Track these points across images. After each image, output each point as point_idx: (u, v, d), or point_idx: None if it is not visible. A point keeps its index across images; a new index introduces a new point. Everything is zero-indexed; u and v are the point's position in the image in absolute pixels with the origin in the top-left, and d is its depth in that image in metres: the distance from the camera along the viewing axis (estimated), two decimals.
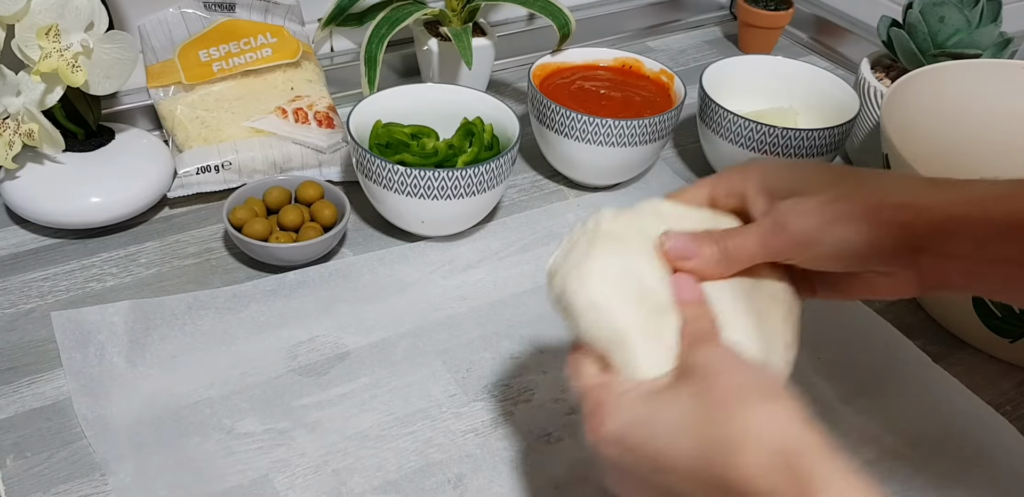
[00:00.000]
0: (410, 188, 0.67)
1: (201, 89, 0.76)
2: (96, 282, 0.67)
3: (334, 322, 0.65)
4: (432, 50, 0.85)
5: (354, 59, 0.90)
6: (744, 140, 0.75)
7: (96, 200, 0.69)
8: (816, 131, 0.74)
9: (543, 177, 0.83)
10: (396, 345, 0.64)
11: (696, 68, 0.97)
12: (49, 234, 0.71)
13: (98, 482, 0.53)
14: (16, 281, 0.67)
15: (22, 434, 0.56)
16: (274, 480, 0.54)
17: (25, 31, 0.62)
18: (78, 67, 0.63)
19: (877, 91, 0.80)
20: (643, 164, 0.79)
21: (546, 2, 0.82)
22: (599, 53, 0.83)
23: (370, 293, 0.68)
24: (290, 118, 0.76)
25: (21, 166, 0.69)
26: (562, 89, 0.80)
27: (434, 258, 0.72)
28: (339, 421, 0.58)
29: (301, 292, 0.67)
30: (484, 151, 0.72)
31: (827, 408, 0.61)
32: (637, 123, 0.73)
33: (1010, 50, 0.79)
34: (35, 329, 0.63)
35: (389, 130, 0.73)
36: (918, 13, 0.78)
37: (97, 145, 0.72)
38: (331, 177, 0.77)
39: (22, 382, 0.59)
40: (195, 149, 0.74)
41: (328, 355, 0.63)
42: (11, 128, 0.65)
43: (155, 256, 0.70)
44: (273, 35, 0.78)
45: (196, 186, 0.73)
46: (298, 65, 0.79)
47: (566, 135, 0.75)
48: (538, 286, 0.70)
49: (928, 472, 0.57)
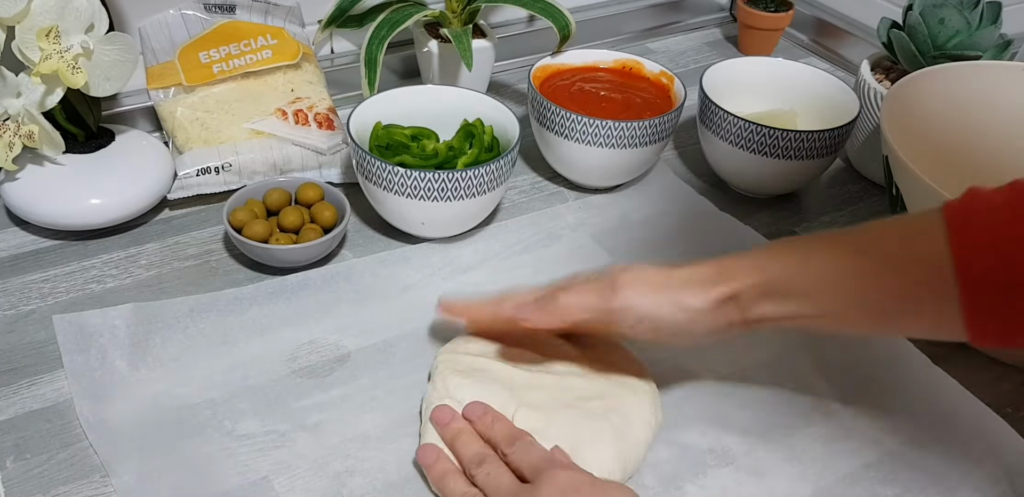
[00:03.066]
0: (410, 190, 0.67)
1: (201, 91, 0.76)
2: (96, 283, 0.67)
3: (334, 324, 0.65)
4: (432, 52, 0.86)
5: (354, 61, 0.90)
6: (744, 142, 0.75)
7: (96, 202, 0.69)
8: (816, 133, 0.74)
9: (543, 179, 0.83)
10: (396, 347, 0.64)
11: (696, 70, 0.97)
12: (49, 236, 0.71)
13: (98, 483, 0.53)
14: (16, 283, 0.67)
15: (22, 435, 0.56)
16: (274, 482, 0.54)
17: (25, 33, 0.62)
18: (78, 69, 0.63)
19: (877, 93, 0.80)
20: (643, 166, 0.79)
21: (546, 4, 0.82)
22: (599, 55, 0.83)
23: (370, 295, 0.68)
24: (290, 120, 0.76)
25: (21, 168, 0.69)
26: (562, 91, 0.80)
27: (434, 260, 0.72)
28: (339, 423, 0.58)
29: (301, 294, 0.67)
30: (484, 153, 0.72)
31: (827, 409, 0.61)
32: (637, 125, 0.73)
33: (1010, 52, 0.79)
34: (35, 331, 0.63)
35: (389, 132, 0.73)
36: (918, 15, 0.78)
37: (97, 147, 0.72)
38: (331, 179, 0.77)
39: (22, 383, 0.59)
40: (195, 151, 0.74)
41: (328, 357, 0.63)
42: (11, 130, 0.65)
43: (155, 258, 0.70)
44: (273, 37, 0.78)
45: (196, 188, 0.73)
46: (298, 67, 0.79)
47: (566, 137, 0.75)
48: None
49: (928, 473, 0.57)
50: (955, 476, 0.57)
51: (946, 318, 0.46)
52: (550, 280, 0.59)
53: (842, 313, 0.51)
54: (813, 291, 0.51)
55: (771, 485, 0.56)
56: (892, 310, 0.49)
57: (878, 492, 0.56)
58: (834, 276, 0.50)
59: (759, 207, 0.81)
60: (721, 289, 0.52)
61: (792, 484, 0.56)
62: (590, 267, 0.71)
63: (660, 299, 0.53)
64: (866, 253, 0.50)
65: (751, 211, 0.80)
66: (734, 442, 0.58)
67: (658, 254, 0.74)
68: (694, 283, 0.53)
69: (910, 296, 0.48)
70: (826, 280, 0.50)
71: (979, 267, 0.44)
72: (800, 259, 0.51)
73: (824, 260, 0.50)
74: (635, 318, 0.53)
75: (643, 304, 0.53)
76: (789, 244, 0.54)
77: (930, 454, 0.58)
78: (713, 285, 0.52)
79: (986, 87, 0.75)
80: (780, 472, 0.57)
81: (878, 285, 0.49)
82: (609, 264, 0.71)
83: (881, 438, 0.59)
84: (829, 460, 0.58)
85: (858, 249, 0.50)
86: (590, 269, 0.60)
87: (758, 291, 0.51)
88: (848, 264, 0.50)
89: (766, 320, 0.52)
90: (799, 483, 0.56)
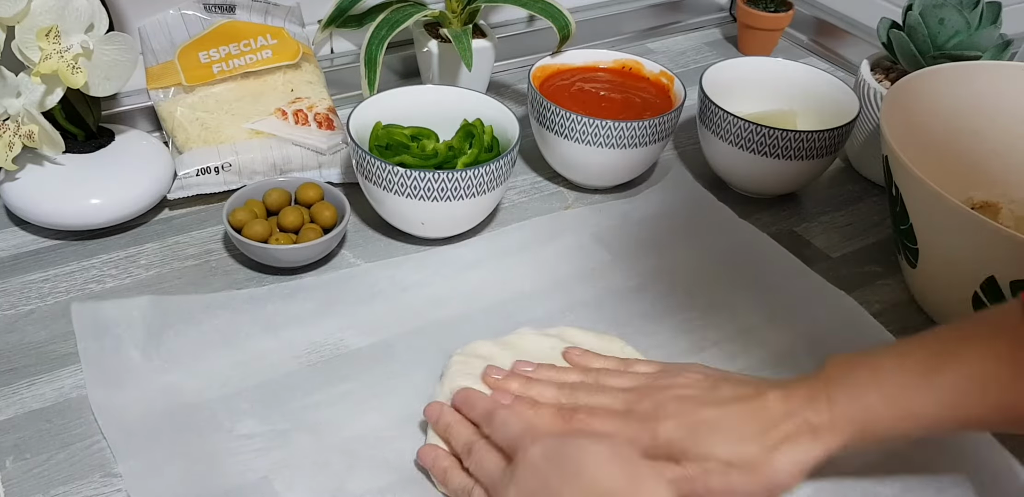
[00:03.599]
0: (410, 190, 0.67)
1: (201, 91, 0.76)
2: (96, 283, 0.67)
3: (335, 323, 0.65)
4: (432, 52, 0.86)
5: (354, 61, 0.90)
6: (744, 142, 0.75)
7: (96, 201, 0.69)
8: (816, 133, 0.74)
9: (543, 179, 0.83)
10: (396, 346, 0.64)
11: (696, 70, 0.97)
12: (49, 235, 0.71)
13: (98, 483, 0.53)
14: (16, 282, 0.67)
15: (21, 436, 0.56)
16: (273, 481, 0.54)
17: (25, 32, 0.62)
18: (78, 68, 0.63)
19: (877, 93, 0.80)
20: (643, 166, 0.79)
21: (546, 4, 0.82)
22: (599, 55, 0.83)
23: (370, 294, 0.68)
24: (290, 120, 0.76)
25: (21, 167, 0.69)
26: (562, 91, 0.80)
27: (434, 259, 0.72)
28: (340, 422, 0.58)
29: (301, 294, 0.67)
30: (484, 153, 0.72)
31: None
32: (637, 125, 0.73)
33: (1010, 52, 0.79)
34: (35, 330, 0.63)
35: (389, 132, 0.73)
36: (918, 15, 0.78)
37: (97, 146, 0.72)
38: (331, 179, 0.77)
39: (22, 383, 0.59)
40: (195, 151, 0.74)
41: (329, 356, 0.63)
42: (11, 130, 0.65)
43: (155, 258, 0.70)
44: (273, 37, 0.78)
45: (196, 188, 0.73)
46: (298, 67, 0.79)
47: (566, 137, 0.75)
48: (538, 288, 0.70)
49: (928, 473, 0.57)
50: (955, 476, 0.57)
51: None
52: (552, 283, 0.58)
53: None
54: (911, 435, 0.50)
55: None
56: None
57: (878, 491, 0.56)
58: (933, 424, 0.48)
59: (759, 207, 0.81)
60: (816, 454, 0.49)
61: None
62: (590, 267, 0.72)
63: (755, 489, 0.49)
64: (958, 392, 0.47)
65: (751, 211, 0.80)
66: None
67: (659, 254, 0.74)
68: (789, 459, 0.49)
69: (1012, 429, 0.48)
70: (925, 428, 0.49)
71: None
72: (895, 409, 0.48)
73: (924, 408, 0.48)
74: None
75: (738, 493, 0.49)
76: (876, 382, 0.49)
77: (929, 454, 0.58)
78: (807, 453, 0.49)
79: (986, 87, 0.75)
80: None
81: (978, 424, 0.49)
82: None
83: None
84: (829, 460, 0.58)
85: (959, 391, 0.47)
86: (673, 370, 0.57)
87: (854, 442, 0.49)
88: (946, 414, 0.48)
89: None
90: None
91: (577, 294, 0.69)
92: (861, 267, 0.75)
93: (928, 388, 0.48)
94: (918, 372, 0.49)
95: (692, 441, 0.50)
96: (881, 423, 0.49)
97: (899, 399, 0.48)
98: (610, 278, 0.71)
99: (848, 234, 0.79)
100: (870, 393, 0.49)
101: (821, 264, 0.74)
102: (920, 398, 0.48)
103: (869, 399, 0.49)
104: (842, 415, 0.49)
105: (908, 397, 0.48)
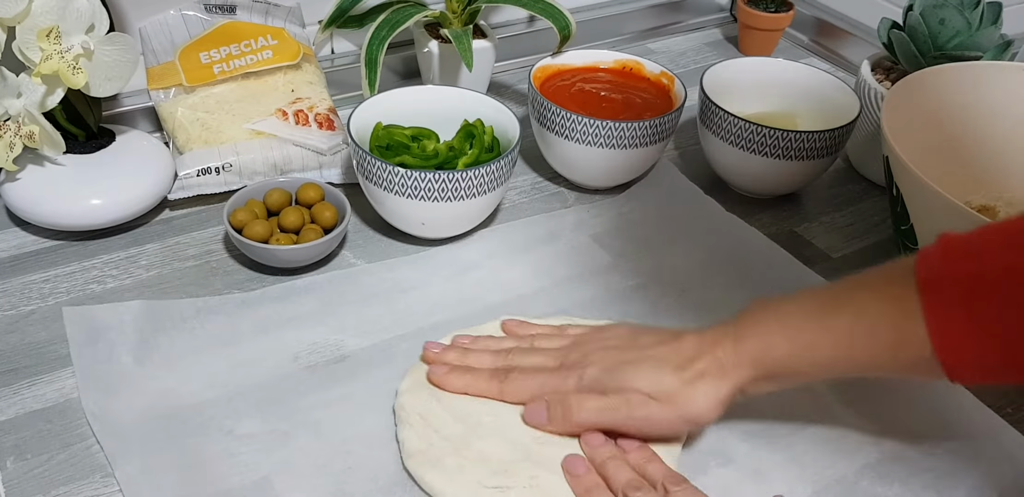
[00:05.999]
0: (410, 190, 0.67)
1: (202, 91, 0.76)
2: (96, 284, 0.67)
3: (335, 324, 0.65)
4: (433, 52, 0.86)
5: (355, 61, 0.90)
6: (744, 142, 0.75)
7: (97, 202, 0.69)
8: (816, 133, 0.74)
9: (543, 179, 0.83)
10: (397, 347, 0.64)
11: (696, 70, 0.97)
12: (49, 236, 0.71)
13: (98, 484, 0.53)
14: (16, 283, 0.67)
15: (22, 436, 0.56)
16: (275, 481, 0.54)
17: (26, 33, 0.62)
18: (79, 69, 0.63)
19: (877, 93, 0.80)
20: (643, 166, 0.79)
21: (546, 4, 0.82)
22: (600, 55, 0.83)
23: (371, 295, 0.68)
24: (291, 120, 0.76)
25: (22, 168, 0.69)
26: (563, 91, 0.80)
27: (434, 260, 0.72)
28: (340, 422, 0.58)
29: (302, 294, 0.67)
30: (484, 153, 0.72)
31: (828, 411, 0.61)
32: (637, 125, 0.73)
33: (1010, 52, 0.79)
34: (35, 331, 0.63)
35: (389, 132, 0.73)
36: (918, 15, 0.78)
37: (98, 147, 0.72)
38: (331, 179, 0.77)
39: (22, 384, 0.59)
40: (196, 151, 0.74)
41: (329, 357, 0.63)
42: (12, 130, 0.65)
43: (155, 258, 0.70)
44: (274, 37, 0.79)
45: (196, 188, 0.73)
46: (299, 67, 0.79)
47: (566, 137, 0.75)
48: (538, 288, 0.70)
49: (928, 473, 0.57)
50: (955, 476, 0.57)
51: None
52: (548, 279, 0.59)
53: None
54: (809, 374, 0.53)
55: (771, 485, 0.56)
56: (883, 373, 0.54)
57: (878, 492, 0.56)
58: (828, 362, 0.52)
59: (759, 207, 0.81)
60: (727, 390, 0.53)
61: (792, 484, 0.56)
62: (590, 267, 0.72)
63: (673, 419, 0.54)
64: (851, 333, 0.50)
65: (751, 211, 0.80)
66: (735, 442, 0.58)
67: (658, 255, 0.74)
68: (702, 391, 0.53)
69: (902, 372, 0.51)
70: (821, 366, 0.52)
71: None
72: (792, 347, 0.52)
73: (819, 347, 0.52)
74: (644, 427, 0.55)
75: (658, 421, 0.54)
76: (779, 322, 0.53)
77: (930, 454, 0.58)
78: (718, 388, 0.53)
79: (986, 87, 0.75)
80: (780, 472, 0.57)
81: (870, 365, 0.51)
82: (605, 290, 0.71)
83: (881, 438, 0.59)
84: (829, 460, 0.58)
85: (852, 332, 0.50)
86: (579, 327, 0.62)
87: (760, 379, 0.53)
88: (841, 354, 0.51)
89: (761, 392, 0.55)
90: (799, 483, 0.56)
91: (577, 294, 0.69)
92: (862, 267, 0.74)
93: (824, 330, 0.51)
94: (816, 315, 0.52)
95: (616, 378, 0.55)
96: (782, 361, 0.52)
97: (797, 340, 0.52)
98: (609, 278, 0.71)
99: (849, 234, 0.79)
100: (773, 334, 0.53)
101: (822, 264, 0.74)
102: (816, 339, 0.51)
103: (772, 339, 0.53)
104: (746, 353, 0.53)
105: (805, 338, 0.52)
